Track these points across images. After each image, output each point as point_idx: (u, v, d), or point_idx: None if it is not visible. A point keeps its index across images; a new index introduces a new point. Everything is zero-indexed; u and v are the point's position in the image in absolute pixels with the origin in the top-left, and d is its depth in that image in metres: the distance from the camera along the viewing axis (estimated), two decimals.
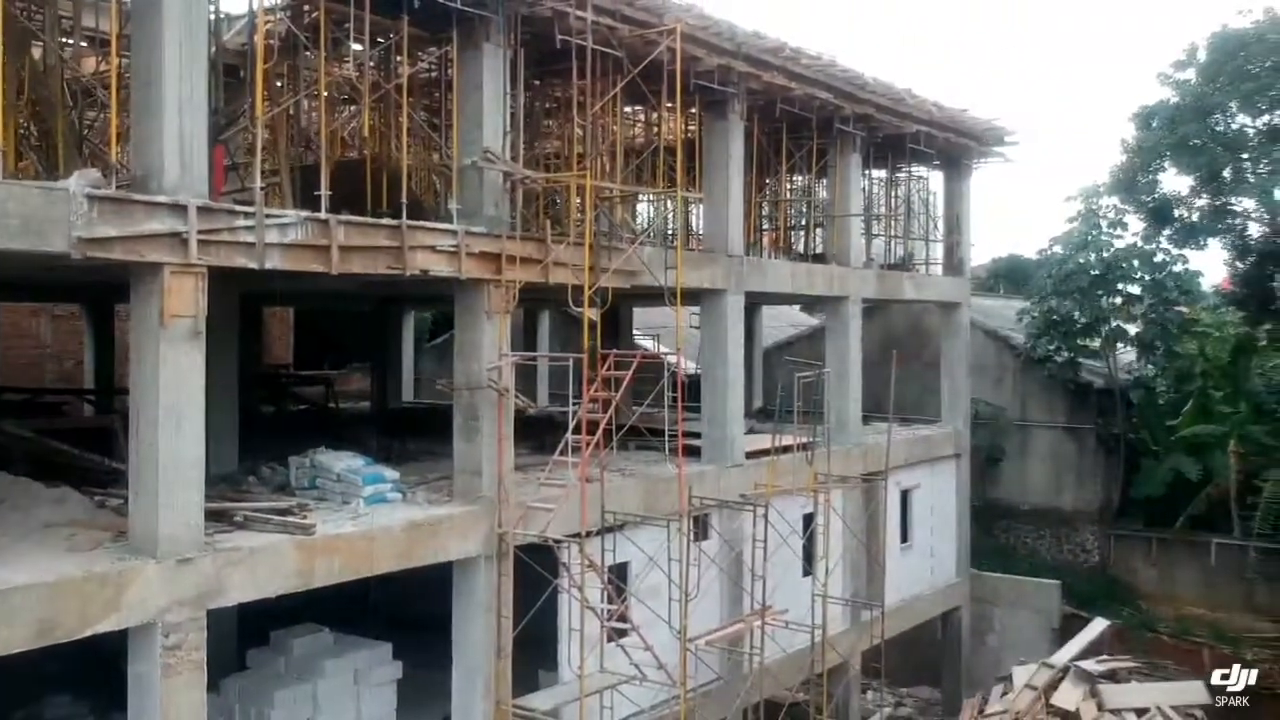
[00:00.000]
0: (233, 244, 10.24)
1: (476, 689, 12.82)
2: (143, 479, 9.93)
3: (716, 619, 16.15)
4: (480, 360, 12.71)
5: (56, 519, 10.87)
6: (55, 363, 27.21)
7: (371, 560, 11.54)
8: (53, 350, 27.24)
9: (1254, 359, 26.84)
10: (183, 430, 9.90)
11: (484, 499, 12.78)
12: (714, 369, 16.93)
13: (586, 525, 13.04)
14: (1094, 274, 24.94)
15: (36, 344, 26.67)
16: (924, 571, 22.58)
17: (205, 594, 10.07)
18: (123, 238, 9.44)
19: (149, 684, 9.84)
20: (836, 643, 18.65)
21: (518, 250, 12.94)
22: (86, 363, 25.56)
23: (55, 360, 27.19)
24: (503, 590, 12.86)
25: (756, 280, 17.70)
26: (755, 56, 16.14)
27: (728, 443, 16.73)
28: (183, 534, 9.93)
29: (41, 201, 9.00)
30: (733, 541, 16.49)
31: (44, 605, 9.04)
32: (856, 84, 18.45)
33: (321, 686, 13.36)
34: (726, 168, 16.65)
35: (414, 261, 11.82)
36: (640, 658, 13.70)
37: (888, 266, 22.72)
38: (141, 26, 9.89)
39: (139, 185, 9.85)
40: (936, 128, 21.15)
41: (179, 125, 9.82)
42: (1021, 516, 27.32)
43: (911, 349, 25.88)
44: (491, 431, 12.83)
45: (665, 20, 14.16)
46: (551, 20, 13.04)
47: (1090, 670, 20.36)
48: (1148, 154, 24.91)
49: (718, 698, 16.30)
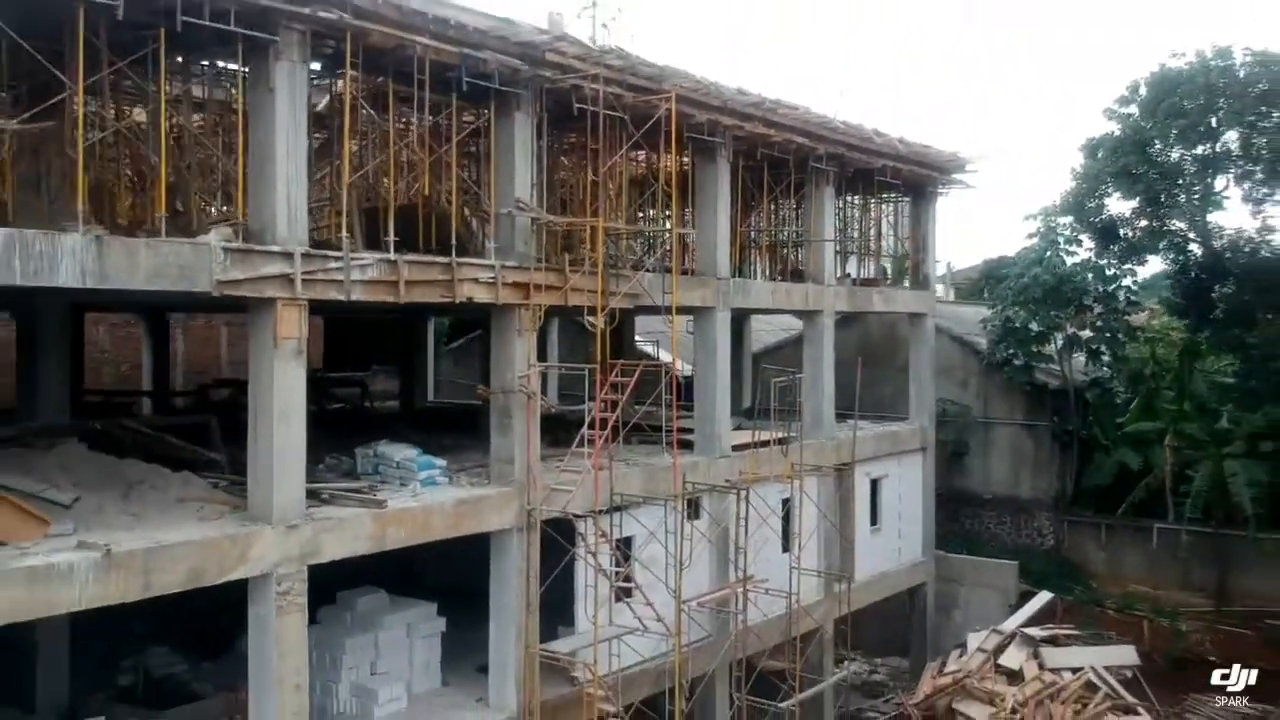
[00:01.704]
0: (326, 282, 13.19)
1: (510, 637, 15.77)
2: (260, 463, 12.88)
3: (706, 585, 19.12)
4: (513, 370, 15.66)
5: (185, 496, 13.82)
6: (113, 366, 30.19)
7: (429, 529, 14.52)
8: (111, 355, 30.21)
9: (1198, 362, 29.77)
10: (290, 426, 12.85)
11: (516, 482, 15.73)
12: (705, 374, 19.90)
13: (599, 504, 16.04)
14: (1047, 287, 27.86)
15: (97, 350, 29.58)
16: (892, 551, 25.52)
17: (307, 553, 13.02)
18: (248, 279, 12.38)
19: (266, 622, 12.79)
20: (811, 610, 21.63)
21: (542, 279, 15.89)
22: (145, 366, 28.51)
23: (113, 364, 30.17)
24: (531, 556, 15.82)
25: (741, 298, 20.70)
26: (739, 110, 19.08)
27: (716, 437, 19.68)
28: (290, 506, 12.89)
29: (192, 254, 11.94)
30: (720, 520, 19.45)
31: (194, 557, 11.99)
32: (828, 128, 21.39)
33: (381, 637, 16.30)
34: (715, 204, 19.60)
35: (461, 291, 14.78)
36: (642, 612, 16.68)
37: (861, 282, 25.66)
38: (258, 121, 12.79)
39: (255, 237, 12.77)
40: (902, 161, 24.11)
41: (286, 192, 12.75)
42: (985, 504, 30.28)
43: (886, 354, 28.89)
44: (522, 427, 15.78)
45: (664, 86, 17.08)
46: (570, 90, 15.98)
47: (1034, 635, 23.41)
48: (1094, 180, 27.90)
49: (707, 652, 19.25)
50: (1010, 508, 29.98)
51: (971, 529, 30.18)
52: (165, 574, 11.71)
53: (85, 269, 10.95)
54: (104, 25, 11.65)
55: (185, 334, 32.38)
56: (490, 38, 14.57)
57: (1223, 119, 26.28)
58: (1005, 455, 30.09)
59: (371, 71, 14.34)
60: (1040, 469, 29.76)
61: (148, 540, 11.82)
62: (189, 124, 14.55)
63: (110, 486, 13.62)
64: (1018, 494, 29.90)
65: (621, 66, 16.39)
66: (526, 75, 15.23)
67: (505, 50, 14.78)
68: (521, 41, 14.96)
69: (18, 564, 10.73)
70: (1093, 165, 27.84)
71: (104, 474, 13.97)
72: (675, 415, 17.75)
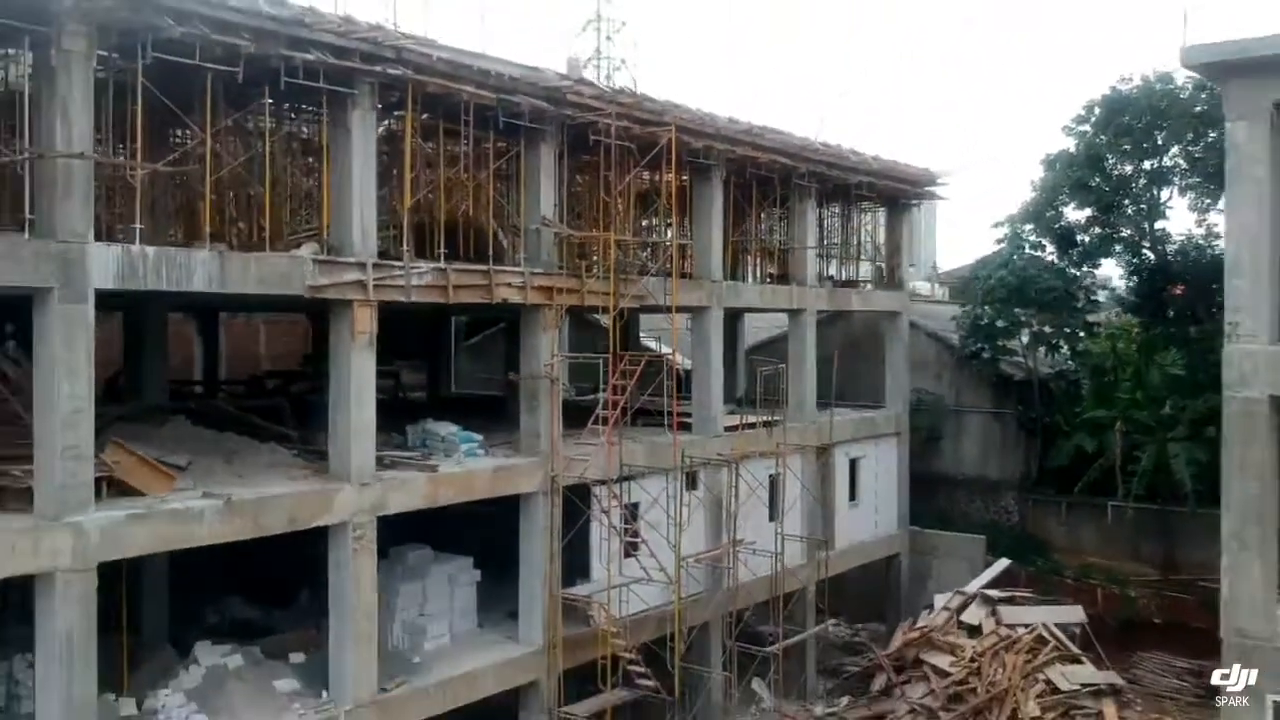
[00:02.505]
0: (391, 286, 16.24)
1: (537, 583, 18.83)
2: (339, 433, 15.93)
3: (702, 545, 22.15)
4: (539, 360, 18.73)
5: (274, 462, 16.89)
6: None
7: (471, 489, 17.60)
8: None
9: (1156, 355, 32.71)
10: (363, 403, 15.92)
11: (541, 453, 18.80)
12: (700, 364, 22.95)
13: (611, 473, 19.10)
14: (1011, 288, 30.87)
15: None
16: (869, 523, 28.55)
17: (376, 505, 16.08)
18: (331, 284, 15.44)
19: (344, 562, 15.83)
20: (795, 573, 24.69)
21: (563, 284, 18.95)
22: (196, 360, 31.56)
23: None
24: (554, 515, 18.87)
25: (733, 299, 23.76)
26: (730, 137, 22.12)
27: (710, 419, 22.72)
28: (364, 468, 15.95)
29: (289, 264, 15.01)
30: (714, 489, 22.49)
31: (291, 506, 15.06)
32: (809, 149, 24.42)
33: (427, 585, 19.30)
34: (710, 217, 22.64)
35: (498, 294, 17.84)
36: (647, 564, 19.74)
37: (841, 283, 28.68)
38: (337, 156, 15.82)
39: (336, 250, 15.81)
40: (876, 176, 27.14)
41: (360, 214, 15.80)
42: (957, 485, 33.28)
43: (870, 349, 31.88)
44: (546, 408, 18.85)
45: (665, 118, 20.14)
46: (586, 125, 19.01)
47: (992, 596, 26.41)
48: (1051, 191, 30.93)
49: (703, 604, 22.29)
50: (980, 487, 32.96)
51: (945, 507, 33.14)
52: (270, 518, 14.80)
53: (212, 277, 14.04)
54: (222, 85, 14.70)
55: (227, 331, 35.39)
56: (522, 84, 17.62)
57: (1166, 137, 29.31)
58: (975, 440, 33.09)
59: (425, 112, 17.35)
60: (1007, 453, 32.75)
61: (255, 493, 14.90)
62: (283, 159, 17.58)
63: (214, 454, 16.69)
64: (987, 475, 32.89)
65: (630, 104, 19.47)
66: (551, 114, 18.28)
67: (534, 94, 17.84)
68: (548, 86, 18.03)
69: (164, 507, 13.83)
70: (1050, 178, 30.89)
71: (208, 444, 17.04)
72: (675, 400, 20.83)
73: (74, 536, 12.76)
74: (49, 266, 12.57)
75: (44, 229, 12.71)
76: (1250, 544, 13.42)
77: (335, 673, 15.99)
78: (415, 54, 15.82)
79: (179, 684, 15.73)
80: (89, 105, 12.77)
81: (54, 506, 12.71)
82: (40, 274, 12.52)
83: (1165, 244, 31.71)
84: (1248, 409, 13.21)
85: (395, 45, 15.49)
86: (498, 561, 19.65)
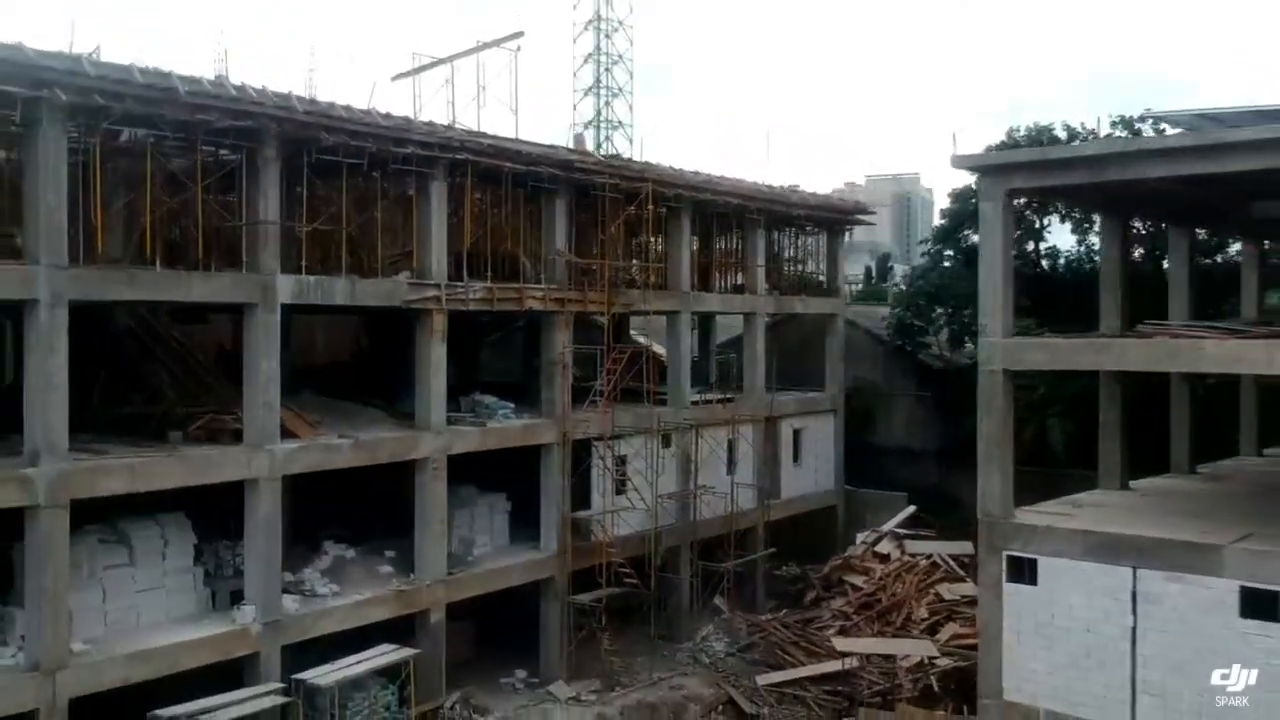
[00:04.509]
0: (455, 299, 23.95)
1: (554, 508, 26.57)
2: (421, 396, 23.65)
3: (673, 487, 29.89)
4: (555, 350, 26.47)
5: (374, 419, 24.60)
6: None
7: (507, 439, 25.40)
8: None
9: None
10: (438, 376, 23.65)
11: (557, 416, 26.53)
12: (673, 354, 30.72)
13: (607, 432, 26.88)
14: (928, 295, 38.64)
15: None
16: (810, 481, 36.29)
17: (446, 447, 23.81)
18: (418, 299, 23.17)
19: (425, 487, 23.56)
20: (747, 515, 32.46)
21: (572, 295, 26.68)
22: None
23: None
24: (565, 460, 26.62)
25: (699, 305, 31.54)
26: (695, 185, 29.85)
27: (681, 395, 30.45)
28: (439, 422, 23.70)
29: (391, 285, 22.77)
30: (683, 448, 30.25)
31: (393, 446, 22.87)
32: (759, 192, 32.17)
33: (474, 512, 27.01)
34: (680, 243, 30.38)
35: (526, 304, 25.58)
36: (632, 497, 27.52)
37: (786, 291, 36.42)
38: (422, 212, 23.53)
39: (420, 275, 23.51)
40: (814, 209, 34.91)
41: (437, 251, 23.52)
42: (888, 454, 40.98)
43: (817, 344, 39.60)
44: (560, 384, 26.58)
45: (646, 175, 27.87)
46: (588, 183, 26.74)
47: (900, 533, 34.20)
48: (956, 218, 38.73)
49: (675, 533, 30.03)
50: (906, 456, 40.67)
51: (878, 471, 40.79)
52: (380, 452, 22.60)
53: (347, 294, 21.77)
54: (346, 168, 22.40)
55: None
56: (545, 158, 25.37)
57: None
58: (902, 417, 40.84)
59: (478, 179, 25.03)
60: (927, 428, 40.49)
61: (371, 436, 22.70)
62: (381, 216, 25.26)
63: (336, 415, 24.43)
64: (911, 445, 40.62)
65: (619, 167, 27.25)
66: (563, 177, 26.04)
67: (551, 164, 25.59)
68: (561, 160, 25.80)
69: (319, 442, 21.63)
70: (955, 207, 38.71)
71: (329, 409, 24.77)
72: (654, 383, 28.59)
73: (269, 458, 20.51)
74: (254, 290, 20.29)
75: (250, 266, 20.42)
76: (994, 459, 21.17)
77: (419, 560, 23.73)
78: (473, 144, 23.57)
79: (316, 566, 23.42)
80: (277, 188, 20.51)
81: (257, 438, 20.45)
82: (250, 294, 20.26)
83: (1055, 259, 39.49)
84: (991, 377, 20.95)
85: (461, 140, 23.23)
86: (523, 500, 27.38)
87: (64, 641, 17.52)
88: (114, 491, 18.28)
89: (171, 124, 19.01)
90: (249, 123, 19.62)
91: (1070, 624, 19.53)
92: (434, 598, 23.60)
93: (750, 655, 29.54)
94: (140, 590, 20.04)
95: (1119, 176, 19.23)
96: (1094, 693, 19.19)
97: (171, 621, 20.17)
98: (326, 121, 20.81)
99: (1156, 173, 18.70)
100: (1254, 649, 17.56)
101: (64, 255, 17.34)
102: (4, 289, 16.87)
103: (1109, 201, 24.55)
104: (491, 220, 26.06)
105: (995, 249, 20.30)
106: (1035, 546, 20.18)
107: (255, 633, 20.22)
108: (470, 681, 25.04)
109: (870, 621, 30.34)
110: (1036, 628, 19.91)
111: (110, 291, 18.42)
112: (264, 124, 19.84)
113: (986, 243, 20.65)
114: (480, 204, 25.79)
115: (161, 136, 19.76)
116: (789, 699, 27.04)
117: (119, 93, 17.63)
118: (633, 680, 26.89)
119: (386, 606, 22.79)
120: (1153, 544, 18.90)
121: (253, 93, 19.48)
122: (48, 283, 17.07)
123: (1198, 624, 18.13)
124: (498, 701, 24.99)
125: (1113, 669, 19.03)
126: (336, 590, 22.72)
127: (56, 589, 17.26)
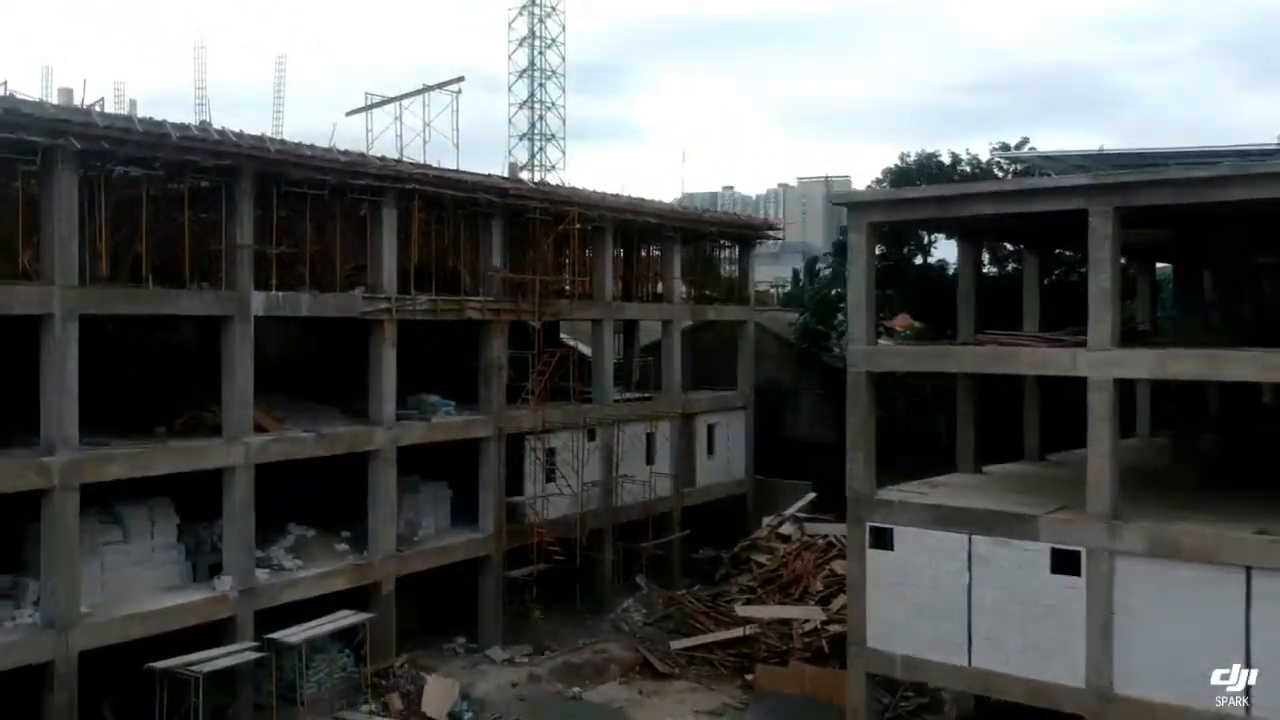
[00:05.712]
0: (404, 310, 27.39)
1: (490, 493, 30.14)
2: (374, 395, 27.06)
3: (598, 476, 33.61)
4: (492, 354, 30.03)
5: (333, 417, 27.94)
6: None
7: (449, 432, 28.93)
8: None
9: None
10: (389, 378, 27.07)
11: (494, 413, 30.09)
12: (597, 357, 34.43)
13: (539, 427, 30.52)
14: (829, 302, 42.84)
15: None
16: (723, 472, 40.24)
17: (396, 439, 27.26)
18: (372, 309, 26.58)
19: (379, 475, 26.99)
20: (665, 502, 36.31)
21: (507, 306, 30.26)
22: None
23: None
24: (501, 452, 30.21)
25: (620, 313, 35.35)
26: (618, 208, 33.59)
27: (604, 393, 34.18)
28: (389, 417, 27.14)
29: (349, 299, 26.19)
30: (606, 441, 33.98)
31: (351, 438, 26.34)
32: (674, 213, 36.05)
33: (419, 498, 30.41)
34: (604, 258, 34.10)
35: (466, 314, 29.10)
36: (560, 485, 31.19)
37: (699, 299, 40.33)
38: (374, 235, 26.93)
39: (373, 290, 26.91)
40: (728, 226, 38.89)
41: (387, 268, 26.94)
42: (797, 447, 45.07)
43: (732, 347, 43.57)
44: (496, 384, 30.15)
45: (574, 199, 31.54)
46: (521, 207, 30.34)
47: (801, 516, 38.32)
48: None
49: (599, 517, 33.74)
50: (813, 448, 44.73)
51: (788, 462, 44.91)
52: (340, 445, 26.05)
53: (310, 307, 25.14)
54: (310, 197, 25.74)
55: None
56: (481, 185, 28.94)
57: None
58: (809, 413, 44.99)
59: (424, 204, 28.46)
60: (830, 422, 44.35)
61: (331, 430, 26.10)
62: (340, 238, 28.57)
63: (297, 413, 27.72)
64: (817, 438, 44.73)
65: (548, 193, 30.90)
66: (499, 203, 29.63)
67: (489, 191, 29.17)
68: (496, 187, 29.40)
69: (288, 435, 25.01)
70: None
71: (290, 408, 28.03)
72: (579, 383, 32.29)
73: (245, 449, 23.82)
74: (232, 304, 23.59)
75: (229, 284, 23.69)
76: (859, 445, 25.22)
77: (372, 539, 27.16)
78: (419, 175, 27.06)
79: (281, 544, 26.69)
80: (251, 217, 23.81)
81: (234, 432, 23.74)
82: (228, 308, 23.55)
83: (944, 271, 43.95)
84: (857, 377, 25.02)
85: (409, 172, 26.71)
86: (463, 487, 30.88)
87: (75, 604, 20.72)
88: (117, 477, 21.51)
89: (165, 164, 22.23)
90: (229, 161, 22.92)
91: (920, 582, 23.57)
92: (385, 572, 27.05)
93: (666, 625, 33.40)
94: (133, 564, 23.25)
95: (959, 213, 23.40)
96: (939, 638, 23.23)
97: (160, 590, 23.39)
98: (294, 159, 24.17)
99: (985, 210, 22.87)
100: (1060, 596, 21.76)
101: (75, 276, 20.54)
102: (27, 306, 20.04)
103: (961, 229, 28.78)
104: (436, 240, 29.50)
105: (860, 270, 24.31)
106: (893, 518, 24.13)
107: (233, 598, 23.54)
108: (416, 646, 28.56)
109: (772, 594, 34.33)
110: (893, 586, 23.93)
111: (113, 306, 21.63)
112: (241, 162, 23.16)
113: (853, 265, 24.65)
114: (426, 226, 29.21)
115: (154, 175, 22.95)
116: (698, 661, 30.97)
117: (122, 139, 20.87)
118: (560, 646, 30.59)
119: (344, 578, 26.18)
120: (984, 515, 22.98)
121: (232, 136, 22.81)
122: (61, 300, 20.27)
123: (1019, 579, 22.27)
124: (440, 663, 28.52)
125: (954, 618, 23.08)
126: (300, 565, 26.05)
127: (69, 559, 20.47)
